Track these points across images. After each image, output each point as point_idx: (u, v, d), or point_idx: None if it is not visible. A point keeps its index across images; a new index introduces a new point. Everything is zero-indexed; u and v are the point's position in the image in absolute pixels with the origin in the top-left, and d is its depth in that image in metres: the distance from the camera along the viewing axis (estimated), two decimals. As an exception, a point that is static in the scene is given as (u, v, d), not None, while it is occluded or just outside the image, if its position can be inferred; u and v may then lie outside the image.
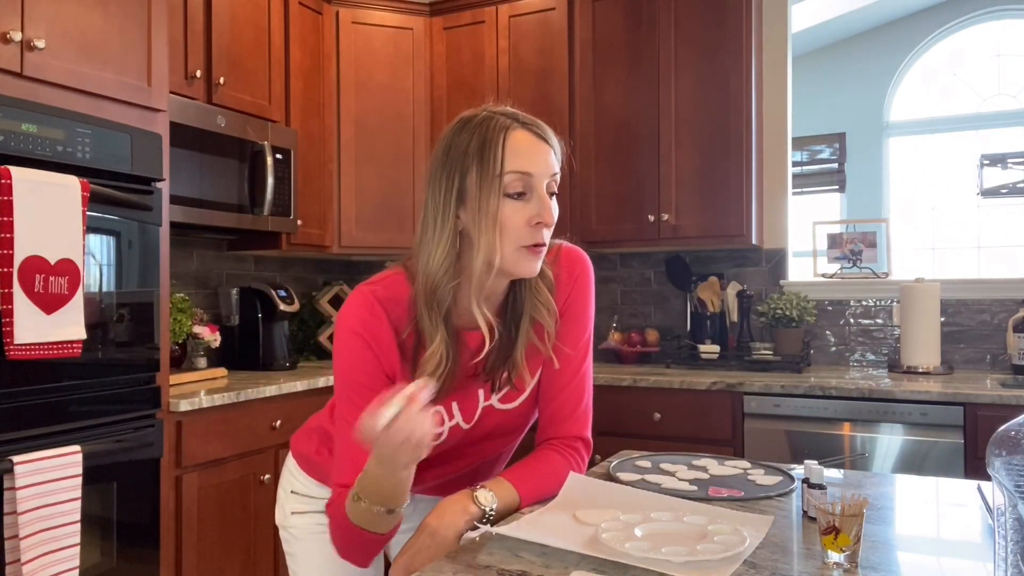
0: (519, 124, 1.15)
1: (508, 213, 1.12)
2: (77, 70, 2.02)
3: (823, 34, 5.55)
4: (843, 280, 3.17)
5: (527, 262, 1.15)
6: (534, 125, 1.16)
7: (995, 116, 5.39)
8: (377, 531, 1.10)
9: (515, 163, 1.12)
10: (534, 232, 1.13)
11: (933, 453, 2.42)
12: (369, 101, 3.41)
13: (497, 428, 1.29)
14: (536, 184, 1.13)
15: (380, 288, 1.19)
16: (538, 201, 1.13)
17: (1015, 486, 0.78)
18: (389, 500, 1.06)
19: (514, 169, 1.12)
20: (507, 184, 1.12)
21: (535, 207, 1.13)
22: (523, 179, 1.12)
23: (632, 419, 2.82)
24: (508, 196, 1.12)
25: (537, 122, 1.17)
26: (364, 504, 1.06)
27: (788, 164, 3.27)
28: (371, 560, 1.18)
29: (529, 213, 1.13)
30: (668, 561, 0.93)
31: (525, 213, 1.13)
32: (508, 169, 1.12)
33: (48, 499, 1.81)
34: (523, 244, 1.13)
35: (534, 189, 1.13)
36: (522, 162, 1.12)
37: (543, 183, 1.14)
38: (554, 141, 1.17)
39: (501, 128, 1.14)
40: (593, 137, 3.21)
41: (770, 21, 3.25)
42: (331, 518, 1.16)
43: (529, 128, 1.15)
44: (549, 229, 1.15)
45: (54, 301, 1.85)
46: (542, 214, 1.13)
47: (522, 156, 1.13)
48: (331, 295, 3.58)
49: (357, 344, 1.16)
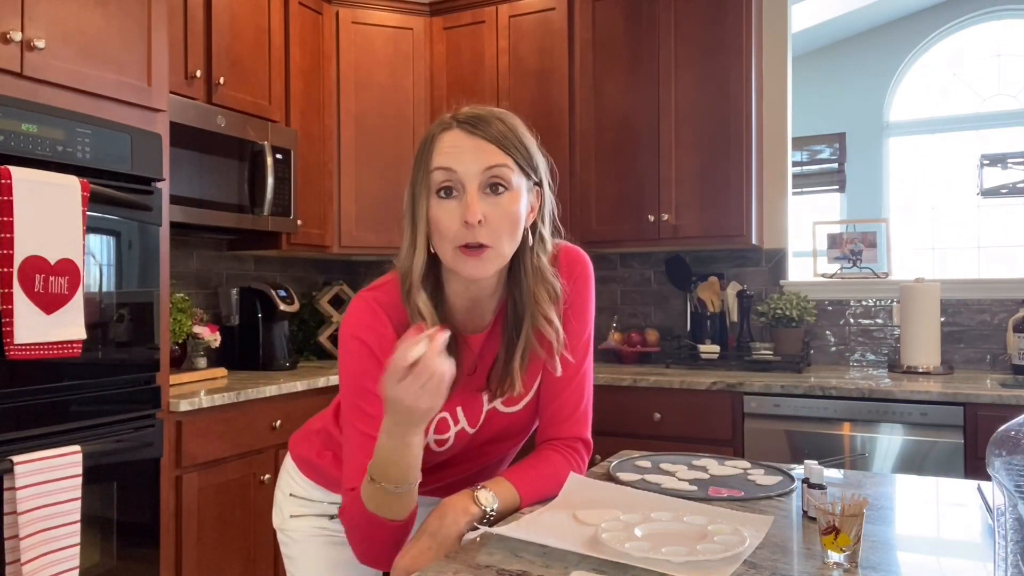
0: (456, 123, 1.13)
1: (437, 213, 1.11)
2: (77, 70, 2.02)
3: (823, 34, 5.55)
4: (843, 280, 3.17)
5: (463, 264, 1.11)
6: (472, 123, 1.11)
7: (995, 116, 5.39)
8: (394, 517, 1.08)
9: (439, 160, 1.11)
10: (464, 232, 1.09)
11: (933, 453, 2.42)
12: (369, 101, 3.41)
13: (502, 431, 1.29)
14: (464, 181, 1.10)
15: (381, 294, 1.19)
16: (464, 198, 1.10)
17: (1015, 486, 0.78)
18: (403, 475, 1.05)
19: (438, 166, 1.10)
20: (434, 183, 1.11)
21: (462, 205, 1.10)
22: (448, 175, 1.10)
23: (632, 419, 2.82)
24: (437, 195, 1.11)
25: (479, 118, 1.12)
26: (378, 484, 1.05)
27: (788, 164, 3.27)
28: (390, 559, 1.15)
29: (458, 212, 1.10)
30: (668, 561, 0.93)
31: (454, 213, 1.10)
32: (433, 166, 1.11)
33: (48, 499, 1.81)
34: (456, 245, 1.10)
35: (462, 186, 1.10)
36: (444, 159, 1.10)
37: (472, 180, 1.09)
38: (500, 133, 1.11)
39: (437, 128, 1.14)
40: (593, 137, 3.21)
41: (770, 21, 3.25)
42: (347, 521, 1.13)
43: (463, 125, 1.12)
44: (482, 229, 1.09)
45: (54, 301, 1.85)
46: (464, 212, 1.08)
47: (446, 153, 1.11)
48: (331, 295, 3.58)
49: (362, 350, 1.16)
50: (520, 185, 1.13)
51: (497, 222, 1.10)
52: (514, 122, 1.16)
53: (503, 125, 1.13)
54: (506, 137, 1.12)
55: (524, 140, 1.15)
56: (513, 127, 1.14)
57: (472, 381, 1.23)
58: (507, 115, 1.16)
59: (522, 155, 1.14)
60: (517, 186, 1.13)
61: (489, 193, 1.11)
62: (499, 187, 1.11)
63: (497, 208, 1.10)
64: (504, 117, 1.15)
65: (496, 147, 1.11)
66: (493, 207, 1.10)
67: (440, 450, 1.24)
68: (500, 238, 1.11)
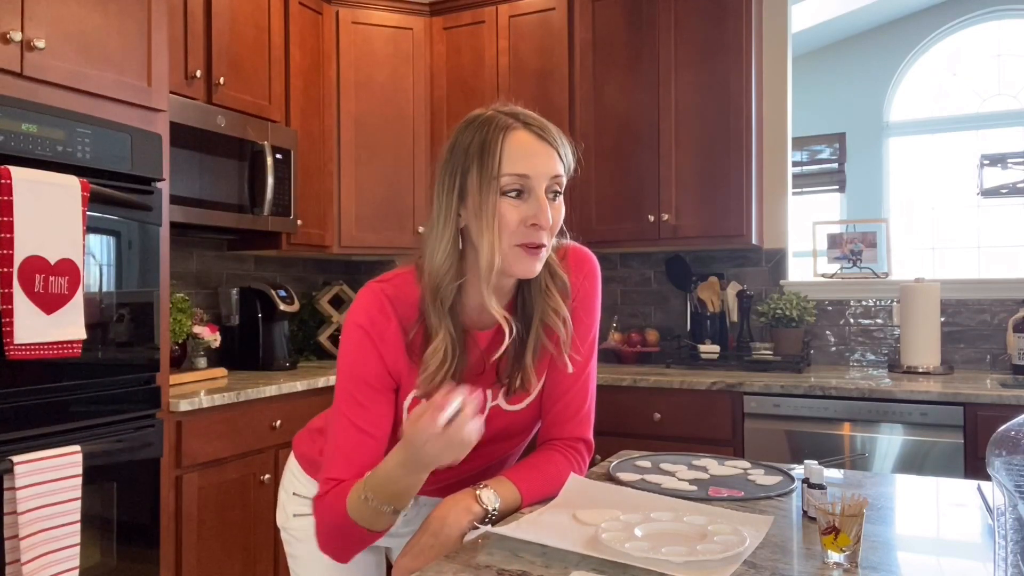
0: (520, 124, 1.14)
1: (504, 211, 1.12)
2: (77, 70, 2.02)
3: (823, 34, 5.55)
4: (843, 280, 3.18)
5: (523, 262, 1.14)
6: (536, 126, 1.15)
7: (995, 116, 5.39)
8: (375, 528, 1.11)
9: (512, 165, 1.12)
10: (529, 232, 1.12)
11: (933, 453, 2.41)
12: (369, 101, 3.41)
13: (505, 430, 1.29)
14: (534, 185, 1.12)
15: (390, 287, 1.20)
16: (535, 202, 1.12)
17: (1015, 486, 0.78)
18: (398, 499, 1.08)
19: (511, 171, 1.12)
20: (504, 184, 1.12)
21: (532, 207, 1.12)
22: (520, 180, 1.12)
23: (632, 419, 2.82)
24: (505, 195, 1.12)
25: (541, 122, 1.16)
26: (373, 503, 1.07)
27: (788, 164, 3.27)
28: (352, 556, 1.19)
29: (525, 212, 1.12)
30: (668, 561, 0.93)
31: (521, 212, 1.12)
32: (505, 171, 1.11)
33: (48, 499, 1.81)
34: (518, 243, 1.13)
35: (532, 190, 1.13)
36: (519, 164, 1.12)
37: (541, 185, 1.13)
38: (559, 142, 1.16)
39: (501, 128, 1.13)
40: (593, 137, 3.21)
41: (770, 21, 3.25)
42: (321, 514, 1.15)
43: (530, 128, 1.14)
44: (546, 231, 1.14)
45: (54, 301, 1.85)
46: (537, 215, 1.12)
47: (519, 158, 1.12)
48: (331, 295, 3.58)
49: (364, 340, 1.17)
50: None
51: (555, 225, 1.16)
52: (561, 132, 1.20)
53: (560, 136, 1.18)
54: (564, 148, 1.18)
55: (571, 151, 1.20)
56: (564, 138, 1.19)
57: (477, 377, 1.23)
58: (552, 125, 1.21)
59: (568, 163, 1.18)
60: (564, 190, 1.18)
61: (551, 198, 1.15)
62: (557, 194, 1.16)
63: (556, 212, 1.15)
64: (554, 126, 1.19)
65: (559, 156, 1.16)
66: (553, 211, 1.15)
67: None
68: (551, 239, 1.18)
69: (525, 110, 1.18)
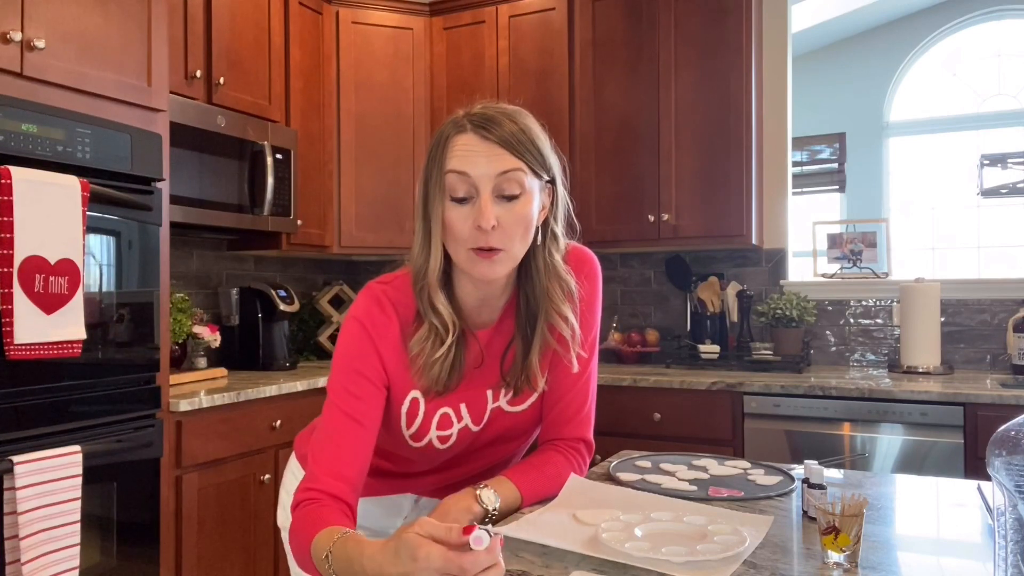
0: (470, 125, 1.11)
1: (451, 217, 1.11)
2: (77, 70, 2.01)
3: (823, 34, 5.54)
4: (843, 280, 3.17)
5: (477, 265, 1.12)
6: (485, 126, 1.10)
7: (995, 116, 5.39)
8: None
9: (453, 163, 1.10)
10: (477, 235, 1.10)
11: (933, 453, 2.41)
12: (369, 101, 3.41)
13: (506, 431, 1.28)
14: (478, 185, 1.09)
15: (391, 289, 1.20)
16: (478, 204, 1.09)
17: (1015, 486, 0.78)
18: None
19: (451, 169, 1.10)
20: (449, 186, 1.10)
21: (476, 210, 1.09)
22: (462, 180, 1.10)
23: (632, 419, 2.82)
24: (453, 200, 1.11)
25: (492, 120, 1.11)
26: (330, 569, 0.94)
27: (788, 164, 3.27)
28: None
29: (471, 216, 1.10)
30: (668, 561, 0.93)
31: (465, 215, 1.10)
32: (447, 169, 1.10)
33: (48, 499, 1.81)
34: (469, 247, 1.11)
35: (478, 191, 1.10)
36: (458, 162, 1.10)
37: (487, 185, 1.09)
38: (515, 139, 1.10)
39: (451, 128, 1.13)
40: (593, 137, 3.21)
41: (770, 21, 3.25)
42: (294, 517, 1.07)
43: (478, 129, 1.10)
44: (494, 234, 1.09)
45: (54, 301, 1.85)
46: (478, 218, 1.08)
47: (459, 157, 1.10)
48: (331, 295, 3.58)
49: (362, 336, 1.17)
50: (532, 187, 1.13)
51: (510, 226, 1.11)
52: (527, 122, 1.14)
53: (515, 126, 1.12)
54: (518, 140, 1.11)
55: (536, 141, 1.14)
56: (526, 128, 1.13)
57: (478, 377, 1.23)
58: (519, 114, 1.15)
59: (534, 157, 1.13)
60: (529, 188, 1.12)
61: (502, 197, 1.10)
62: (512, 191, 1.10)
63: (510, 212, 1.10)
64: (516, 117, 1.14)
65: (509, 151, 1.10)
66: (506, 211, 1.10)
67: (443, 447, 1.24)
68: (512, 241, 1.12)
69: (485, 109, 1.14)
